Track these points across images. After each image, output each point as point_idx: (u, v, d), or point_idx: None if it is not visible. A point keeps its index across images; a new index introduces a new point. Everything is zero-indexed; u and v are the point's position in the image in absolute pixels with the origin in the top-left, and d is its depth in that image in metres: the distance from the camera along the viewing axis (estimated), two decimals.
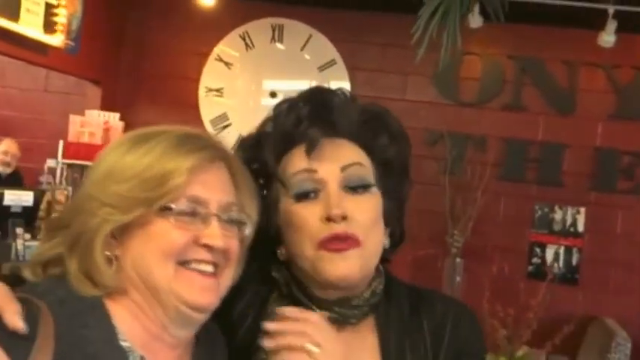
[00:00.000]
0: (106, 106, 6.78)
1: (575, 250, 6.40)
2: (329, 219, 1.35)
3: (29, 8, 5.60)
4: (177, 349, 1.26)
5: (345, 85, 6.63)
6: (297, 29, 6.83)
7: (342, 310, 1.40)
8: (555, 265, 6.39)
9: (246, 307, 1.45)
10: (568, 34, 6.35)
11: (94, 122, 6.37)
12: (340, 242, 1.35)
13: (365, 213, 1.38)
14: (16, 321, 1.10)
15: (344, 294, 1.40)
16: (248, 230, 1.30)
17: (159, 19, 7.03)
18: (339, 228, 1.35)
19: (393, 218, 1.49)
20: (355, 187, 1.39)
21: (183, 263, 1.21)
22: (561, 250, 6.40)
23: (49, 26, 5.87)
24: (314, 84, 5.71)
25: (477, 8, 5.53)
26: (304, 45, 6.83)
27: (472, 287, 5.45)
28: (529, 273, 6.36)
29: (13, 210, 5.50)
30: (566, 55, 6.44)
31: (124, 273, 1.22)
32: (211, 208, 1.23)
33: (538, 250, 6.42)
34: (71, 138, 6.31)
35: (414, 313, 1.45)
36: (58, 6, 5.94)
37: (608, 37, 5.68)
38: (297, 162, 1.40)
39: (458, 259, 6.06)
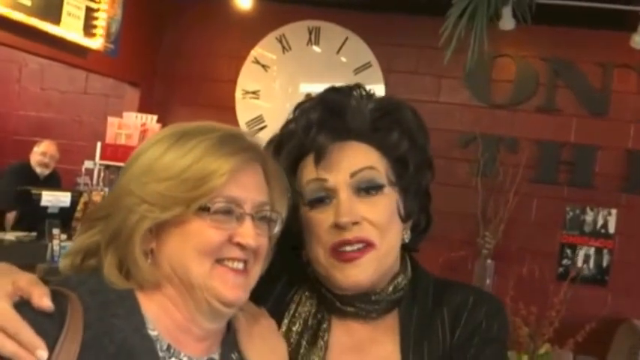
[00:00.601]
0: (144, 108, 6.87)
1: (605, 251, 6.37)
2: (338, 226, 1.37)
3: (70, 12, 5.69)
4: (205, 341, 1.29)
5: (380, 88, 6.69)
6: (333, 32, 6.86)
7: (362, 305, 1.44)
8: (585, 266, 6.36)
9: (279, 297, 1.49)
10: (601, 36, 6.33)
11: (131, 124, 6.44)
12: (352, 251, 1.38)
13: (378, 215, 1.39)
14: (44, 302, 1.12)
15: (363, 291, 1.43)
16: (277, 228, 1.33)
17: (196, 23, 7.09)
18: (349, 235, 1.37)
19: (415, 211, 1.49)
20: (367, 190, 1.40)
21: (217, 261, 1.24)
22: (592, 252, 6.37)
23: (89, 29, 5.96)
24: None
25: (509, 11, 5.53)
26: (340, 47, 6.87)
27: (502, 289, 5.43)
28: (559, 274, 6.33)
29: (50, 211, 5.53)
30: (599, 57, 6.41)
31: (159, 267, 1.25)
32: (246, 207, 1.25)
33: (569, 251, 6.39)
34: (109, 140, 6.38)
35: (436, 303, 1.45)
36: (98, 10, 6.03)
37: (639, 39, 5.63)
38: (308, 171, 1.42)
39: (489, 261, 6.04)
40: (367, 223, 1.38)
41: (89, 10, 5.94)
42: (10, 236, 5.61)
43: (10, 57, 7.65)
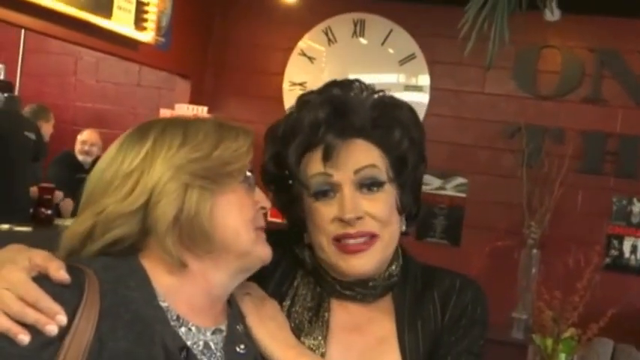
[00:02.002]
0: (195, 99, 6.91)
1: None
2: (342, 220, 1.46)
3: (121, 6, 5.73)
4: (213, 310, 1.36)
5: (425, 78, 6.65)
6: (378, 24, 6.81)
7: (359, 289, 1.53)
8: (632, 257, 6.21)
9: (279, 282, 1.57)
10: None
11: (183, 115, 6.46)
12: (355, 244, 1.47)
13: (379, 211, 1.48)
14: (61, 274, 1.17)
15: (364, 278, 1.53)
16: None
17: (244, 16, 7.11)
18: (352, 229, 1.46)
19: (410, 202, 1.58)
20: (369, 187, 1.48)
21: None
22: (639, 243, 6.22)
23: (140, 23, 5.99)
24: (395, 78, 5.69)
25: (553, 2, 5.41)
26: (385, 39, 6.82)
27: (548, 278, 5.34)
28: (606, 265, 6.20)
29: None
30: None
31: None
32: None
33: (615, 242, 6.27)
34: None
35: (426, 287, 1.56)
36: (148, 3, 6.06)
37: None
38: (314, 165, 1.48)
39: (534, 251, 5.96)
40: (369, 218, 1.47)
41: (139, 4, 5.97)
42: (70, 223, 5.66)
43: (66, 50, 7.73)
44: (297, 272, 1.59)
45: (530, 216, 6.04)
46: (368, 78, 1.60)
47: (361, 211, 1.46)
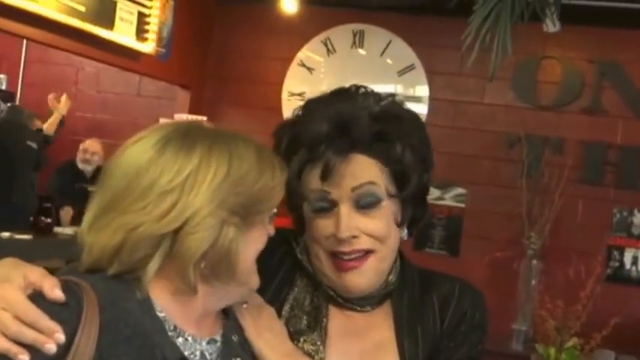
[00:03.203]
0: (194, 109, 6.89)
1: None
2: (337, 238, 1.44)
3: (123, 17, 5.74)
4: (207, 319, 1.34)
5: (424, 89, 6.63)
6: (377, 35, 6.79)
7: (356, 300, 1.51)
8: (633, 268, 6.17)
9: (279, 287, 1.55)
10: None
11: None
12: (349, 260, 1.45)
13: (376, 229, 1.45)
14: (55, 292, 1.15)
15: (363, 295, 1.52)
16: None
17: (244, 27, 7.09)
18: (347, 247, 1.44)
19: (412, 215, 1.54)
20: (366, 205, 1.45)
21: None
22: None
23: (141, 34, 6.02)
24: (394, 89, 5.66)
25: (554, 14, 5.38)
26: (384, 50, 6.79)
27: (548, 289, 5.29)
28: (607, 276, 6.16)
29: None
30: None
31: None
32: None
33: (616, 253, 6.21)
34: None
35: (424, 292, 1.54)
36: (149, 15, 6.08)
37: None
38: (313, 181, 1.45)
39: (534, 261, 5.91)
40: (365, 236, 1.45)
41: (141, 16, 5.97)
42: (69, 231, 5.78)
43: (68, 61, 7.75)
44: (296, 275, 1.57)
45: (530, 226, 6.00)
46: None
47: (356, 230, 1.44)
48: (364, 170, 1.45)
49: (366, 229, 1.45)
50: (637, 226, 6.18)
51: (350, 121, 1.44)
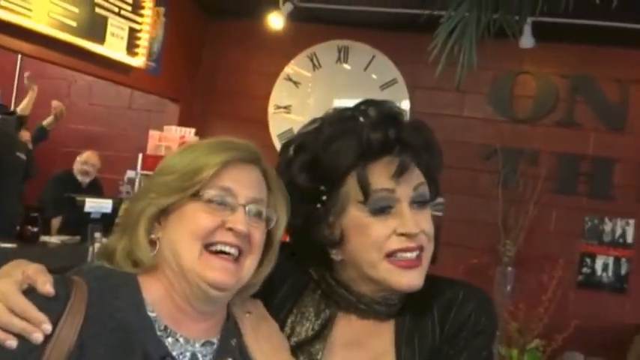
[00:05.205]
0: (183, 122, 6.94)
1: (624, 260, 6.29)
2: (403, 234, 1.41)
3: (114, 32, 5.77)
4: (202, 323, 1.35)
5: (405, 103, 6.71)
6: (361, 50, 6.89)
7: (377, 306, 1.48)
8: (604, 274, 6.27)
9: (285, 298, 1.52)
10: (618, 54, 6.31)
11: (171, 137, 6.48)
12: (412, 259, 1.42)
13: (429, 226, 1.45)
14: (46, 287, 1.21)
15: (389, 293, 1.47)
16: (274, 226, 1.39)
17: (232, 42, 7.19)
18: (414, 243, 1.42)
19: None
20: (421, 203, 1.45)
21: (209, 246, 1.31)
22: (610, 261, 6.29)
23: (132, 49, 6.05)
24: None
25: (528, 30, 5.48)
26: (368, 65, 6.88)
27: (522, 295, 5.36)
28: (579, 282, 6.24)
29: (93, 216, 5.67)
30: (616, 73, 6.36)
31: (161, 252, 1.33)
32: (240, 199, 1.33)
33: (588, 260, 6.31)
34: (150, 151, 6.42)
35: (426, 299, 1.49)
36: (140, 30, 6.12)
37: None
38: (379, 180, 1.41)
39: (509, 268, 5.99)
40: (422, 233, 1.43)
41: (132, 31, 6.02)
42: (56, 240, 5.77)
43: (61, 74, 7.75)
44: (303, 290, 1.54)
45: (506, 234, 6.09)
46: (351, 102, 1.54)
47: (419, 227, 1.42)
48: (418, 172, 1.46)
49: (424, 227, 1.44)
50: (608, 234, 6.29)
51: (405, 128, 1.45)
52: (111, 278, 1.30)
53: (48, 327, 1.18)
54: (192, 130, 6.62)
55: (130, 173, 6.60)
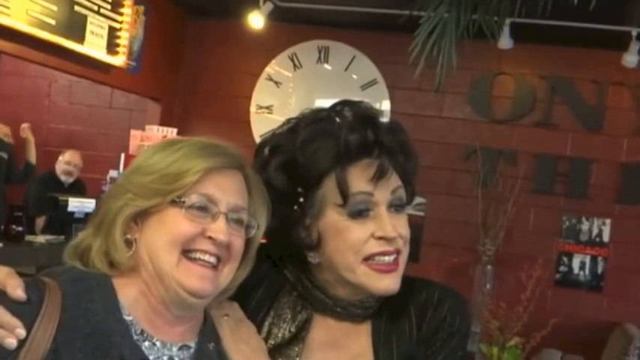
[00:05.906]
0: (165, 121, 6.91)
1: (600, 259, 6.35)
2: (381, 238, 1.39)
3: (93, 31, 5.73)
4: (179, 326, 1.32)
5: (386, 103, 6.72)
6: (341, 51, 6.90)
7: (353, 309, 1.46)
8: (581, 273, 6.31)
9: (261, 300, 1.50)
10: (596, 55, 6.34)
11: (152, 136, 6.44)
12: (389, 263, 1.40)
13: (405, 230, 1.43)
14: (18, 293, 1.18)
15: (366, 296, 1.45)
16: (254, 233, 1.36)
17: (214, 42, 7.17)
18: (391, 246, 1.40)
19: None
20: (399, 207, 1.43)
21: (188, 252, 1.27)
22: (587, 259, 6.35)
23: (112, 47, 6.00)
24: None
25: (506, 31, 5.50)
26: (348, 65, 6.89)
27: (502, 293, 5.38)
28: (556, 281, 6.28)
29: (76, 216, 5.66)
30: (594, 75, 6.41)
31: (138, 254, 1.30)
32: (221, 207, 1.29)
33: (565, 258, 6.36)
34: (132, 151, 6.38)
35: (403, 300, 1.48)
36: (120, 29, 6.08)
37: (630, 58, 5.64)
38: (357, 183, 1.38)
39: (489, 267, 6.01)
40: (399, 237, 1.42)
41: (112, 30, 5.98)
42: (41, 239, 5.74)
43: (41, 73, 7.71)
44: (279, 292, 1.51)
45: (485, 234, 6.12)
46: (331, 102, 1.50)
47: (397, 231, 1.40)
48: (395, 175, 1.43)
49: (401, 231, 1.42)
50: (585, 233, 6.34)
51: (383, 131, 1.42)
52: (85, 280, 1.27)
53: (22, 332, 1.16)
54: (174, 130, 6.58)
55: (112, 173, 6.55)
